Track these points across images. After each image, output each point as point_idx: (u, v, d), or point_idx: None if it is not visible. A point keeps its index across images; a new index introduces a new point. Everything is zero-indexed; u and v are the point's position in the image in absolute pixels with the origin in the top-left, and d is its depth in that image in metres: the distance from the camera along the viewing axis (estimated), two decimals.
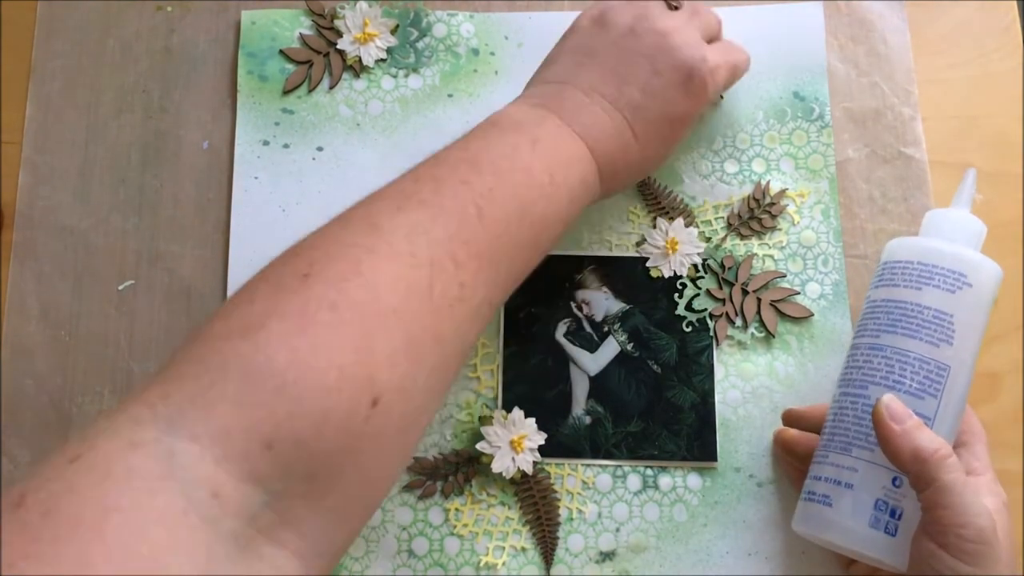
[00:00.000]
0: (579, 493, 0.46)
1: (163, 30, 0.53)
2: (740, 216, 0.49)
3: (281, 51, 0.52)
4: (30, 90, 0.53)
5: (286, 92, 0.51)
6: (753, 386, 0.47)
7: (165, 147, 0.51)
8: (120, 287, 0.50)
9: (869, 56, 0.51)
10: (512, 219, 0.36)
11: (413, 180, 0.37)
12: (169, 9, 0.54)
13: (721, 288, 0.48)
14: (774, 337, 0.47)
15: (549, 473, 0.46)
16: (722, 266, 0.48)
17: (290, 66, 0.52)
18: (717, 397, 0.47)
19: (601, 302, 0.48)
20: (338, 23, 0.52)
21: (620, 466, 0.46)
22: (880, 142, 0.50)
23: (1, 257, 0.50)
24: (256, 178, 0.50)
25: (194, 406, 0.28)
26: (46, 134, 0.52)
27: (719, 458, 0.46)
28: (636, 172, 0.44)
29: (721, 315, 0.48)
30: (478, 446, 0.46)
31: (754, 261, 0.49)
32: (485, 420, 0.46)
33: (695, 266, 0.48)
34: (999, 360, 0.48)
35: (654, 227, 0.49)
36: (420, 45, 0.52)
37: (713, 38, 0.45)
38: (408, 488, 0.46)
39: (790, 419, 0.45)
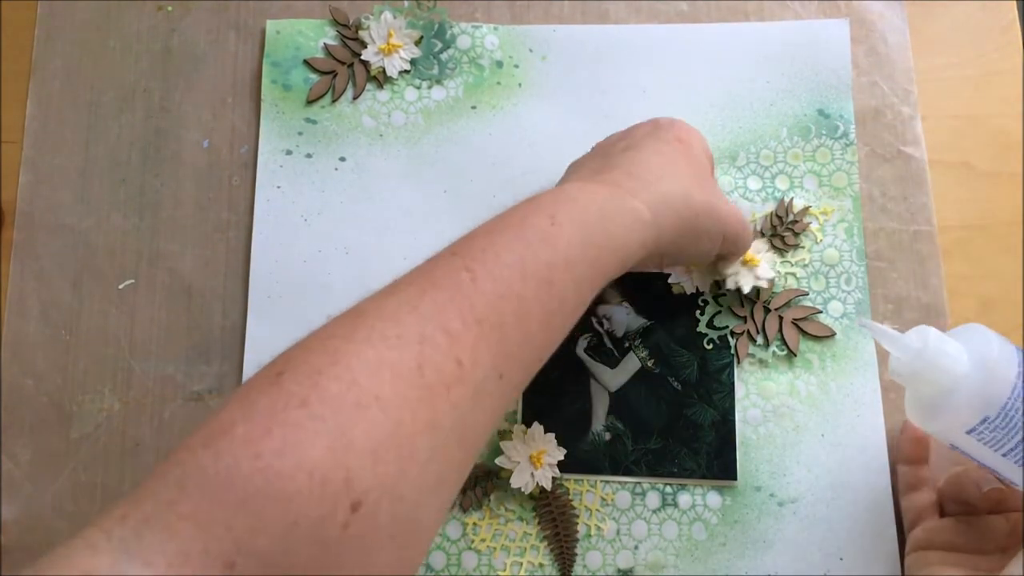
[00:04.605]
0: (598, 510, 0.46)
1: (164, 30, 0.54)
2: (763, 233, 0.49)
3: (305, 61, 0.52)
4: (31, 89, 0.53)
5: (310, 102, 0.52)
6: (774, 405, 0.47)
7: (166, 146, 0.52)
8: (120, 286, 0.50)
9: (869, 56, 0.52)
10: (513, 276, 0.33)
11: (410, 271, 0.34)
12: (169, 9, 0.54)
13: (743, 306, 0.48)
14: (796, 356, 0.47)
15: (568, 489, 0.46)
16: None
17: (314, 76, 0.52)
18: (737, 415, 0.47)
19: (622, 317, 0.48)
20: (362, 34, 0.52)
21: (639, 483, 0.46)
22: (880, 141, 0.51)
23: (1, 256, 0.51)
24: (278, 187, 0.50)
25: (150, 528, 0.26)
26: (47, 133, 0.53)
27: (739, 477, 0.46)
28: (701, 214, 0.40)
29: (743, 333, 0.48)
30: (497, 460, 0.46)
31: (776, 279, 0.48)
32: (504, 434, 0.46)
33: (717, 283, 0.48)
34: None
35: None
36: (444, 57, 0.52)
37: None
38: None
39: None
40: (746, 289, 0.48)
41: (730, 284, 0.48)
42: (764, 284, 0.48)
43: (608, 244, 0.36)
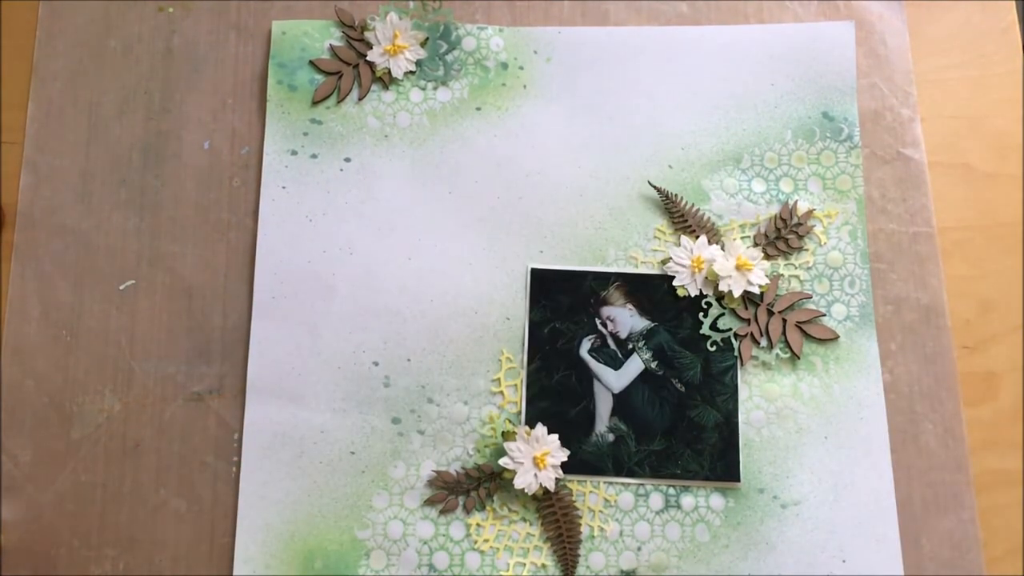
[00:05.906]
0: (601, 511, 0.46)
1: (164, 31, 0.54)
2: (767, 236, 0.49)
3: (311, 62, 0.52)
4: (31, 90, 0.53)
5: (315, 103, 0.52)
6: (777, 407, 0.47)
7: (166, 147, 0.52)
8: (121, 287, 0.50)
9: (868, 57, 0.53)
10: None
11: None
12: (170, 10, 0.54)
13: (746, 308, 0.48)
14: (799, 358, 0.48)
15: (571, 490, 0.46)
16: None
17: (319, 77, 0.52)
18: (741, 417, 0.47)
19: (626, 319, 0.48)
20: (368, 35, 0.52)
21: (642, 484, 0.46)
22: (879, 143, 0.51)
23: (1, 257, 0.51)
24: (283, 188, 0.50)
25: None
26: (47, 134, 0.53)
27: (742, 478, 0.46)
28: None
29: (746, 335, 0.48)
30: (501, 461, 0.46)
31: (780, 281, 0.49)
32: (508, 435, 0.46)
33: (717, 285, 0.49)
34: (999, 360, 0.49)
35: (678, 245, 0.49)
36: (449, 58, 0.52)
37: None
38: (430, 502, 0.46)
39: None
40: (736, 293, 0.48)
41: (723, 287, 0.48)
42: (756, 290, 0.48)
43: None
